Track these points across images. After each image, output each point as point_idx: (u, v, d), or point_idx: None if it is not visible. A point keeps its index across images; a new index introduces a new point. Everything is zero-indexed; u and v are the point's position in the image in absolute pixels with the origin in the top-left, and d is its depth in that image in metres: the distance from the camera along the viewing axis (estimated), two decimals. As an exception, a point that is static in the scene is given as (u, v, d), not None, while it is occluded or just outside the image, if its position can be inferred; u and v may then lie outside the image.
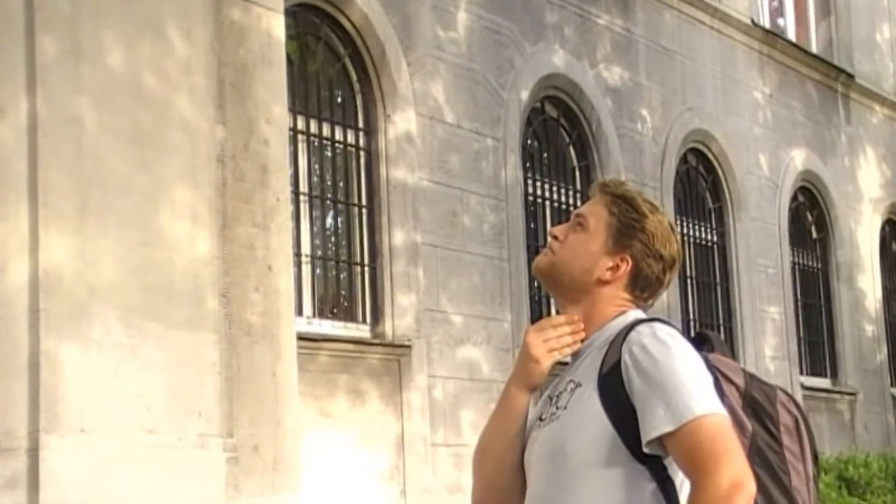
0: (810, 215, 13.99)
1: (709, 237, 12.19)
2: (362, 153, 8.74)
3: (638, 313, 2.17)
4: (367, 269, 8.58)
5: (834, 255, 14.03)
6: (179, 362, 5.90)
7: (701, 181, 12.29)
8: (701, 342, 2.22)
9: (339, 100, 8.85)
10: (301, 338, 7.13)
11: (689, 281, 11.78)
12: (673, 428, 1.95)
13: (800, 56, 13.86)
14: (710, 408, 1.96)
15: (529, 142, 10.32)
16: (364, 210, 8.66)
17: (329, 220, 8.71)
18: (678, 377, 1.97)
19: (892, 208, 15.08)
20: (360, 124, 8.77)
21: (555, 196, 10.34)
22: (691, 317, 11.69)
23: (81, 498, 5.39)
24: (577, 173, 10.61)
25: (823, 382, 13.50)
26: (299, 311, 7.83)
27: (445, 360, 8.76)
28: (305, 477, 6.67)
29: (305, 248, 8.24)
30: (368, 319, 8.51)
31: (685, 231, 11.80)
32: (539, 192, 10.23)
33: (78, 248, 5.61)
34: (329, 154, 8.65)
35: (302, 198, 8.28)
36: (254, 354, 6.28)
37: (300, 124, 8.32)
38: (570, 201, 10.33)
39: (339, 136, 8.63)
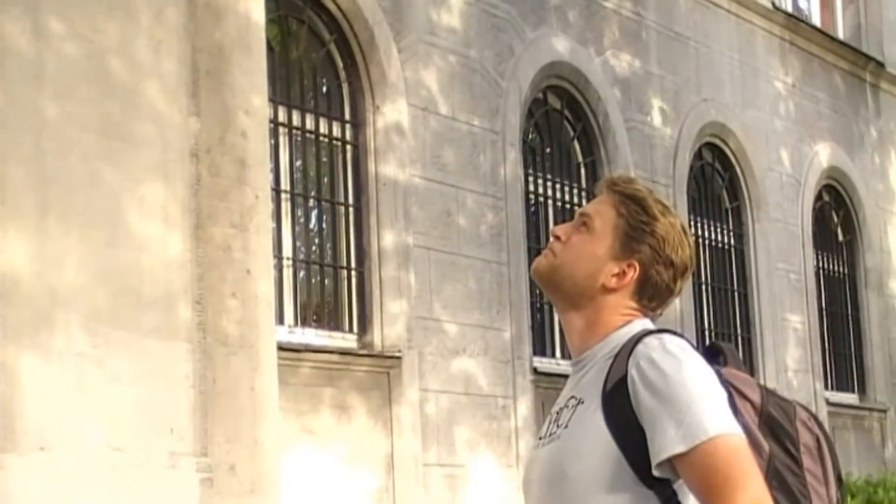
0: (836, 216, 14.01)
1: (725, 239, 12.21)
2: (349, 147, 8.74)
3: (645, 323, 2.17)
4: (353, 273, 8.58)
5: (862, 260, 14.04)
6: (149, 374, 5.89)
7: (717, 178, 12.30)
8: (713, 355, 2.21)
9: (324, 89, 8.85)
10: (282, 348, 7.13)
11: (703, 287, 11.79)
12: (685, 449, 1.95)
13: (825, 42, 13.88)
14: (725, 427, 1.96)
15: (530, 135, 10.32)
16: (351, 209, 8.66)
17: (313, 220, 8.71)
18: (690, 394, 1.97)
19: (925, 208, 15.11)
20: (347, 116, 8.77)
21: (558, 194, 10.35)
22: (706, 326, 11.70)
23: (41, 522, 5.38)
24: (583, 170, 10.62)
25: (850, 398, 13.51)
26: (280, 320, 7.82)
27: (439, 373, 8.76)
28: (286, 499, 6.66)
29: (287, 250, 8.24)
30: (355, 328, 8.51)
31: (700, 233, 11.81)
32: (541, 190, 10.23)
33: (38, 250, 5.61)
34: (313, 148, 8.65)
35: (283, 196, 8.28)
36: (230, 366, 6.28)
37: (281, 115, 8.32)
38: (575, 200, 10.34)
39: (323, 128, 8.63)
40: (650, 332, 2.09)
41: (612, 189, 2.20)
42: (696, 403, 1.96)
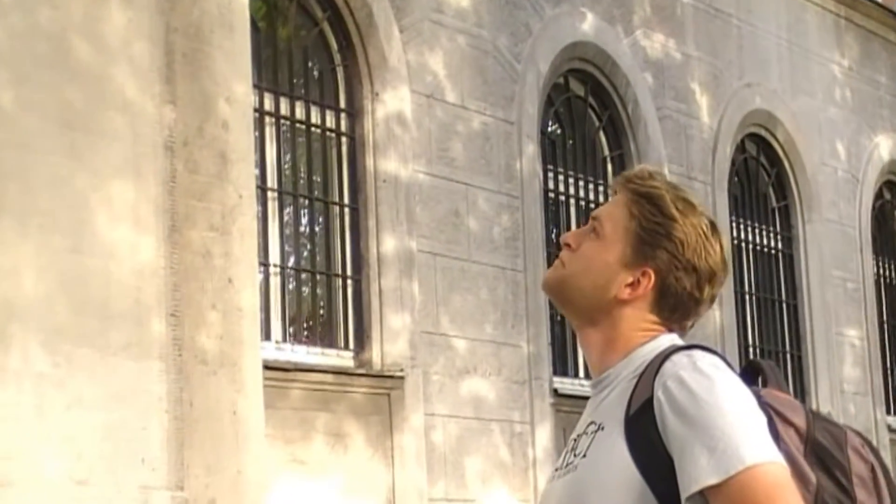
0: (898, 217, 13.99)
1: (772, 244, 12.19)
2: (344, 139, 8.74)
3: (672, 338, 2.16)
4: (350, 282, 8.58)
5: (928, 266, 14.01)
6: (117, 397, 5.90)
7: (762, 174, 12.28)
8: (752, 374, 2.20)
9: (316, 74, 8.86)
10: (268, 367, 7.13)
11: (747, 298, 11.77)
12: (719, 480, 1.94)
13: (887, 19, 13.86)
14: (764, 455, 1.95)
15: (550, 126, 10.31)
16: (347, 209, 8.67)
17: (304, 223, 8.72)
18: (725, 417, 1.96)
19: None
20: (342, 104, 8.78)
21: (581, 193, 10.35)
22: (750, 342, 11.68)
23: (-5, 565, 5.39)
24: (609, 165, 10.62)
25: (915, 423, 13.48)
26: (266, 335, 7.83)
27: (446, 396, 8.76)
28: (273, 539, 6.67)
29: (274, 256, 8.25)
30: (352, 345, 8.52)
31: (743, 236, 11.79)
32: (562, 187, 10.23)
33: (-8, 257, 5.62)
34: (303, 141, 8.66)
35: (270, 195, 8.29)
36: (210, 388, 6.28)
37: (267, 104, 8.33)
38: (600, 199, 10.34)
39: (315, 118, 8.64)
40: (679, 349, 2.08)
41: (626, 186, 2.21)
42: (731, 428, 1.95)
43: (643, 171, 2.25)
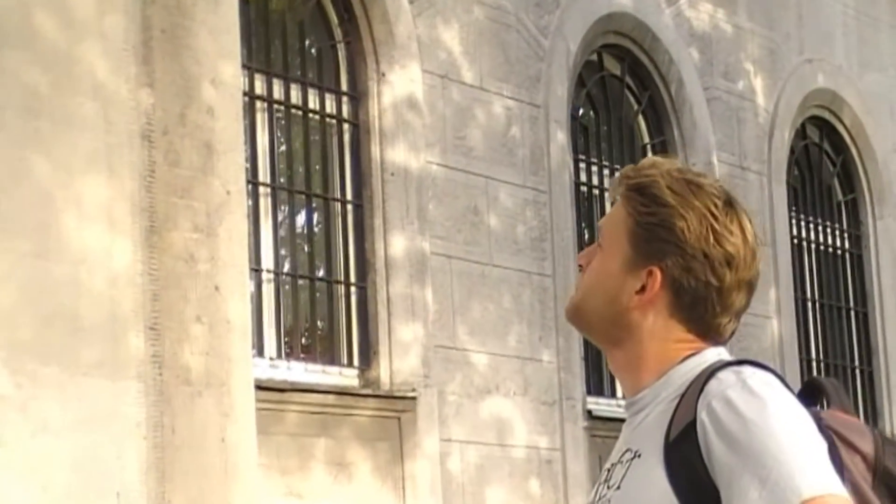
0: (983, 211, 13.95)
1: (838, 243, 12.16)
2: (346, 127, 8.75)
3: (719, 353, 2.16)
4: (354, 289, 8.59)
5: None
6: (89, 422, 5.91)
7: (826, 163, 12.26)
8: (812, 393, 2.21)
9: (314, 52, 8.87)
10: (261, 387, 7.14)
11: (810, 305, 11.74)
12: (771, 516, 1.95)
13: (966, -14, 13.83)
14: (824, 486, 1.94)
15: (582, 110, 10.31)
16: (350, 207, 8.67)
17: (301, 222, 8.73)
18: (778, 443, 1.95)
19: None
20: (344, 87, 8.78)
21: (619, 186, 10.33)
22: (813, 356, 11.65)
23: None
24: (650, 153, 10.60)
25: None
26: (259, 351, 7.84)
27: (465, 418, 8.76)
28: (267, 583, 6.68)
29: (267, 260, 8.26)
30: (356, 361, 8.52)
31: (804, 234, 11.77)
32: (595, 180, 10.22)
33: (-54, 263, 5.64)
34: (300, 129, 8.67)
35: (262, 190, 8.30)
36: (194, 411, 6.29)
37: (259, 87, 8.34)
38: (641, 193, 10.32)
39: (313, 103, 8.64)
40: (727, 364, 2.08)
41: (621, 183, 2.23)
42: (786, 456, 1.95)
43: (645, 161, 2.26)
